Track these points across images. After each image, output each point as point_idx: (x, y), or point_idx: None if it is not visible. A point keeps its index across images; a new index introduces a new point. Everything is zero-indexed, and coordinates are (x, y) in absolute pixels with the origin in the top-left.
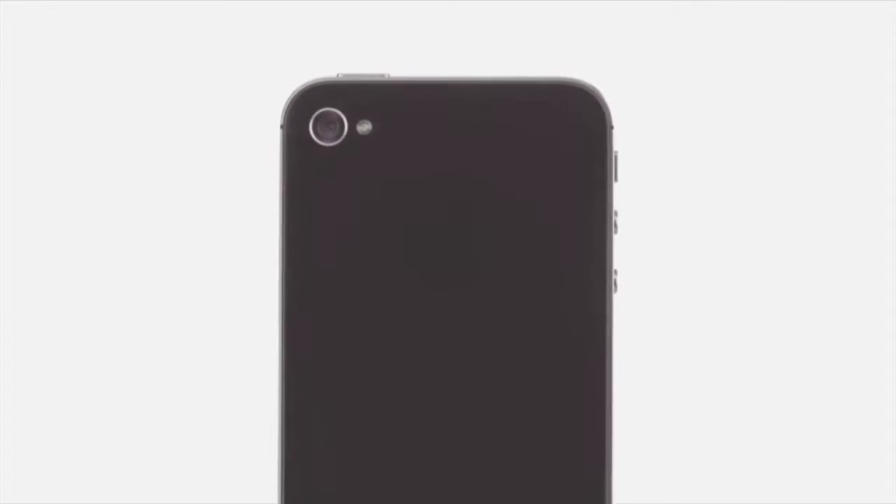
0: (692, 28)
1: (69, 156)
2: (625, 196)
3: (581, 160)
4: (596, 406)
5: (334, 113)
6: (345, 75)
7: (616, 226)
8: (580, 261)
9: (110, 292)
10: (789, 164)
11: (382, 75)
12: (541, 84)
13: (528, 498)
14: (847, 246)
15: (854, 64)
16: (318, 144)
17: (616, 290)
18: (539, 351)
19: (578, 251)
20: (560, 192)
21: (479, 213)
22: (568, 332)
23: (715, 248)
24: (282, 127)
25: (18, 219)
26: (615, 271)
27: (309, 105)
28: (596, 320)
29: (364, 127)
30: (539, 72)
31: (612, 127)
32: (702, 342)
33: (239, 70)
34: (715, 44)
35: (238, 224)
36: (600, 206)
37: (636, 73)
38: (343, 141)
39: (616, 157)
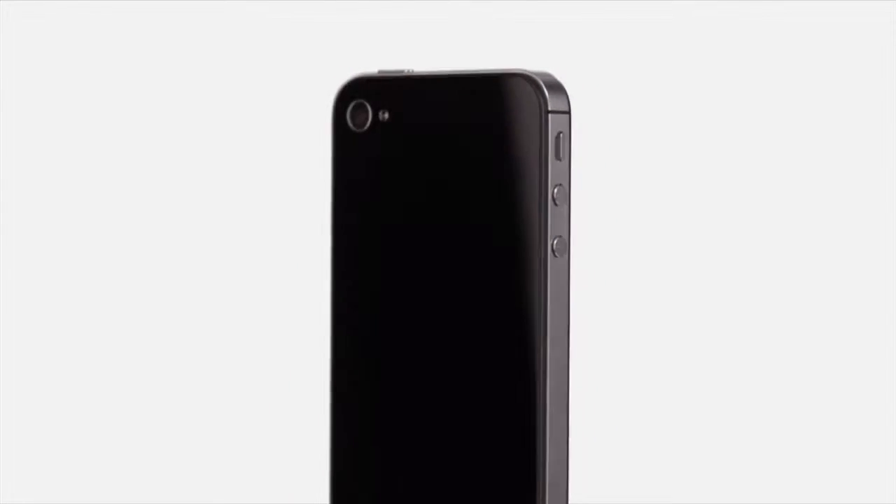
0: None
1: (130, 149)
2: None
3: (521, 141)
4: (529, 371)
5: (362, 104)
6: (380, 71)
7: (556, 199)
8: (516, 230)
9: (164, 259)
10: (758, 152)
11: (403, 71)
12: (493, 76)
13: (476, 471)
14: (797, 227)
15: (808, 54)
16: (352, 131)
17: (557, 256)
18: (485, 320)
19: (516, 222)
20: (504, 170)
21: (444, 193)
22: (503, 299)
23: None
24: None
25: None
26: (555, 239)
27: (348, 97)
28: (529, 284)
29: (384, 116)
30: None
31: (549, 111)
32: (660, 315)
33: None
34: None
35: (297, 202)
36: (533, 181)
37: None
38: (369, 128)
39: (560, 137)
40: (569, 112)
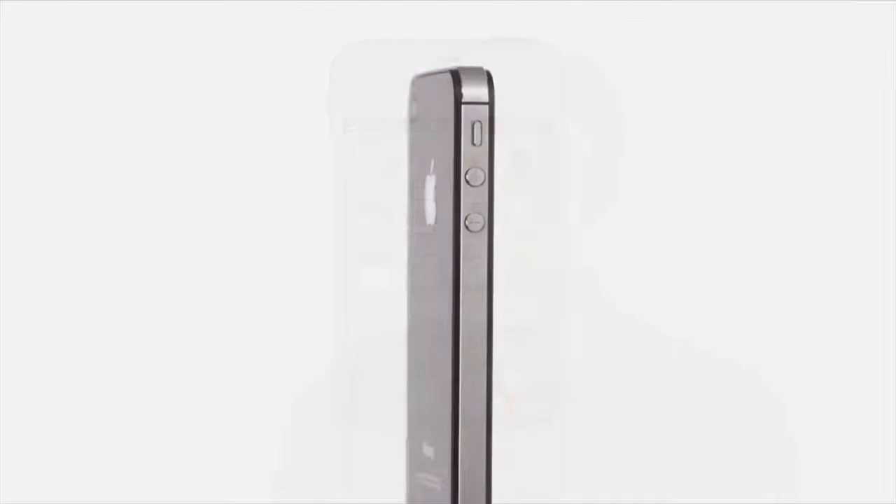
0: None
1: (176, 145)
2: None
3: (445, 129)
4: (447, 339)
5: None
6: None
7: (469, 180)
8: (447, 210)
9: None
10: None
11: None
12: (441, 72)
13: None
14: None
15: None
16: (412, 121)
17: (472, 231)
18: (432, 293)
19: (446, 202)
20: (442, 156)
21: (420, 180)
22: (441, 272)
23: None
24: None
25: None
26: (468, 215)
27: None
28: (450, 258)
29: (414, 110)
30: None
31: (464, 102)
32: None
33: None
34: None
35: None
36: (448, 163)
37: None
38: (412, 121)
39: (475, 125)
40: (488, 103)
